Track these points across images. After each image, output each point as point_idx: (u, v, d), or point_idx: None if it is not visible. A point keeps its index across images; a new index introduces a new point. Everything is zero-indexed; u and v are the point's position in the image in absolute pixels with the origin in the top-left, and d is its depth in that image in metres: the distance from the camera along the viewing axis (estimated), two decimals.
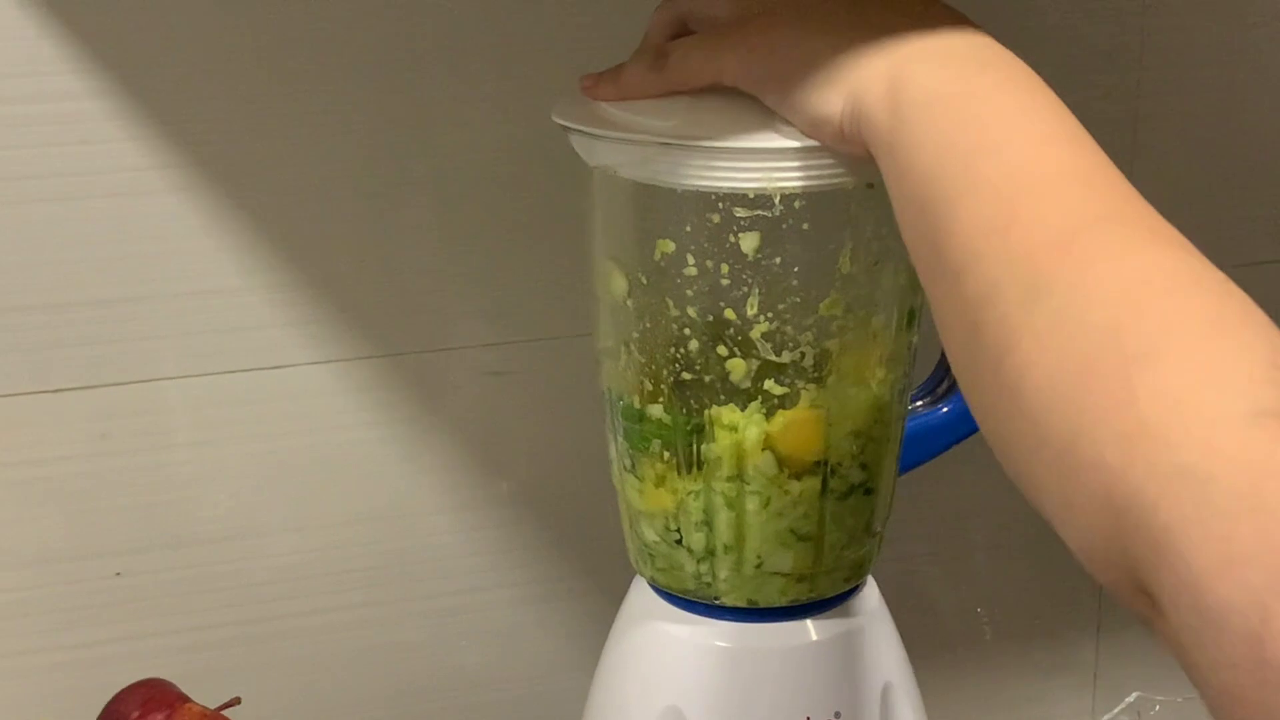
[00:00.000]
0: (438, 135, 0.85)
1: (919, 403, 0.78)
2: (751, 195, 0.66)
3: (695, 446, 0.72)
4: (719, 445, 0.71)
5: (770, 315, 0.69)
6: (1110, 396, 0.47)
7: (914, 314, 0.73)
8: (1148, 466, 0.45)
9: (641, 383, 0.72)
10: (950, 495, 0.97)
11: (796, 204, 0.67)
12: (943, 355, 0.77)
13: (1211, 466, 0.43)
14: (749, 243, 0.68)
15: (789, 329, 0.69)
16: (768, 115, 0.65)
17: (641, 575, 0.78)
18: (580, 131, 0.69)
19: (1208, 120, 0.98)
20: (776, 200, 0.66)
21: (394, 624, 0.92)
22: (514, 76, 0.85)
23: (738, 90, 0.66)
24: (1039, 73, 0.59)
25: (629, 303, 0.71)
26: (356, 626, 0.91)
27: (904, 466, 0.77)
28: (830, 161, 0.65)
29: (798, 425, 0.71)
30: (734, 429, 0.71)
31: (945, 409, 0.78)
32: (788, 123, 0.65)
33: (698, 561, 0.74)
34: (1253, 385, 0.45)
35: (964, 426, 0.77)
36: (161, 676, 0.80)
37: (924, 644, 0.81)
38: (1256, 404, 0.44)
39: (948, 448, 0.78)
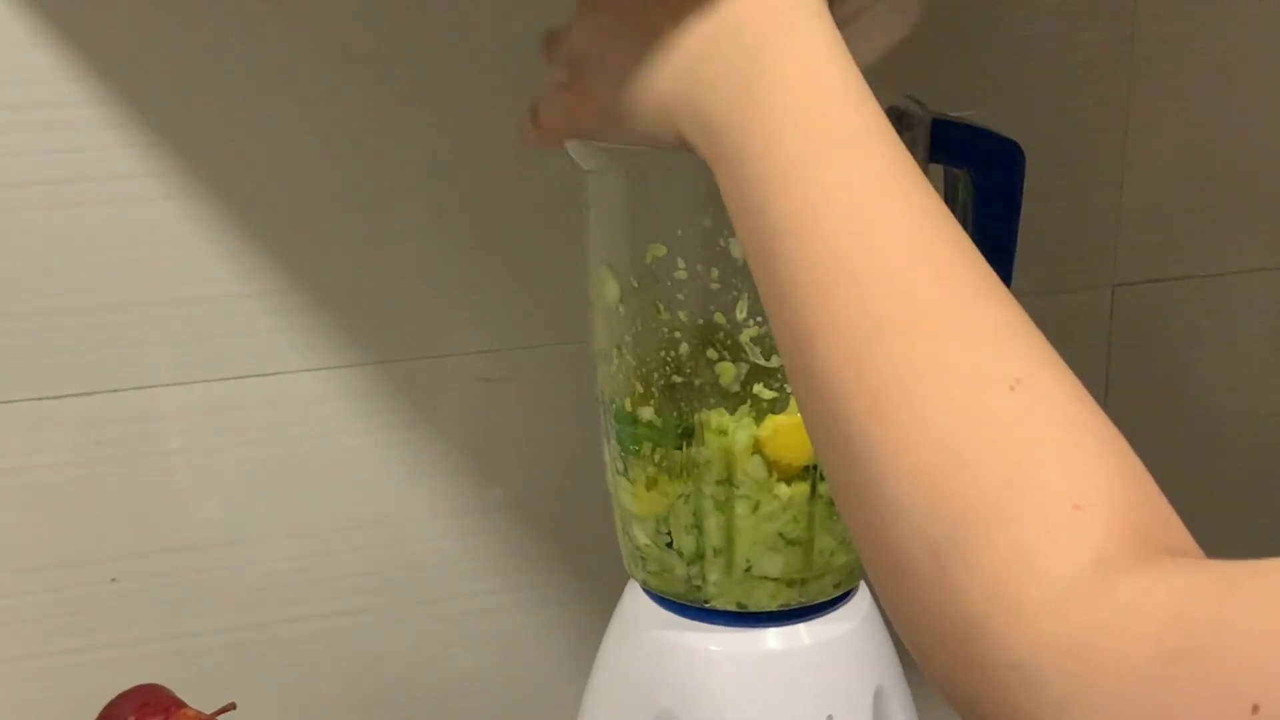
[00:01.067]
0: (429, 141, 0.85)
1: None
2: None
3: (685, 450, 0.72)
4: (709, 449, 0.71)
5: (759, 319, 0.69)
6: (932, 595, 0.46)
7: None
8: (981, 668, 0.44)
9: (633, 386, 0.72)
10: None
11: None
12: None
13: (1038, 662, 0.43)
14: (739, 247, 0.66)
15: None
16: None
17: (634, 579, 0.78)
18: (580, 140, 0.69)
19: (1199, 127, 0.98)
20: None
21: (387, 630, 0.92)
22: (506, 81, 0.84)
23: None
24: (1032, 83, 0.57)
25: (621, 307, 0.71)
26: (350, 633, 0.91)
27: None
28: None
29: (787, 430, 0.71)
30: (723, 433, 0.71)
31: None
32: None
33: (688, 565, 0.74)
34: (1072, 536, 0.44)
35: None
36: (157, 682, 0.80)
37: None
38: (1075, 562, 0.43)
39: None
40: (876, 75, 0.73)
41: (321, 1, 0.81)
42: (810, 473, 0.72)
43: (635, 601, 0.78)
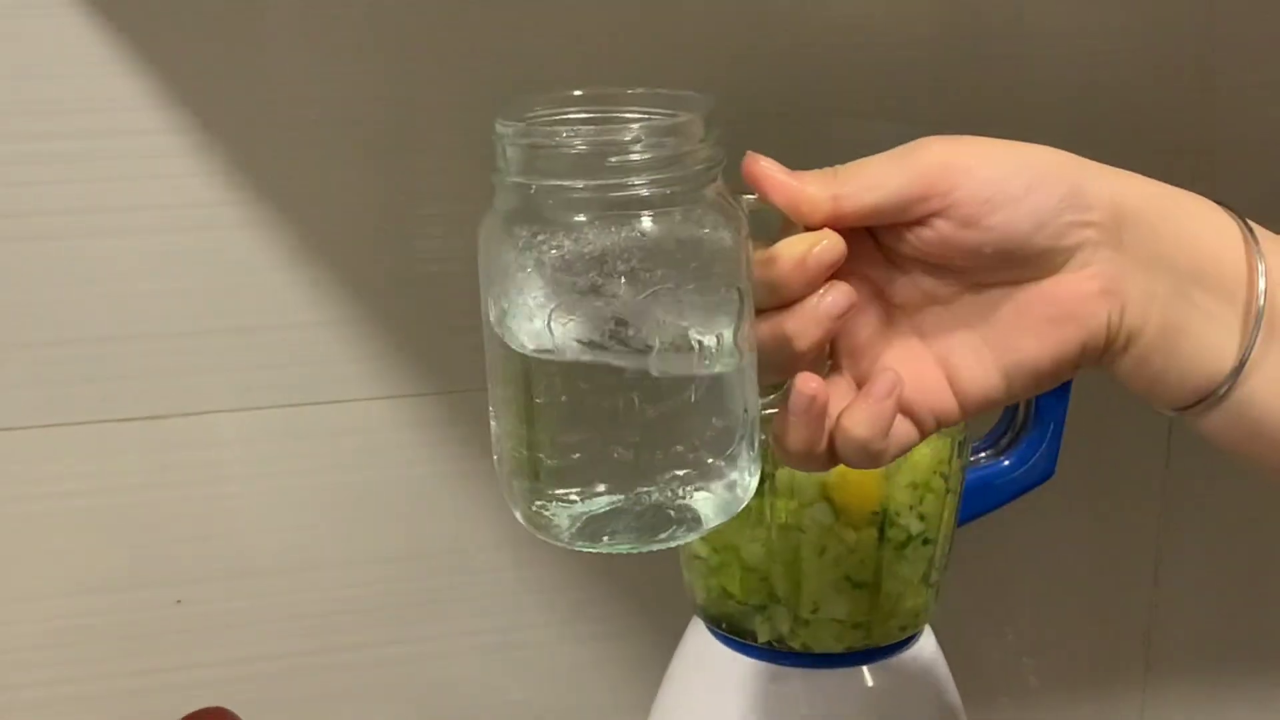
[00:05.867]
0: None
1: (981, 455, 0.78)
2: None
3: (754, 494, 0.70)
4: (777, 493, 0.72)
5: None
6: None
7: None
8: None
9: None
10: (1000, 546, 0.97)
11: None
12: (1005, 409, 0.77)
13: None
14: None
15: None
16: None
17: (699, 617, 0.78)
18: None
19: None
20: None
21: (446, 659, 0.92)
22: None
23: None
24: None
25: None
26: (407, 661, 0.91)
27: (963, 518, 0.77)
28: None
29: (855, 476, 0.71)
30: (792, 477, 0.71)
31: (1006, 462, 0.77)
32: None
33: (754, 606, 0.74)
34: None
35: (1027, 479, 0.77)
36: (221, 705, 0.81)
37: (971, 692, 0.81)
38: None
39: (1008, 501, 0.78)
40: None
41: (394, 44, 0.82)
42: (878, 518, 0.72)
43: (699, 639, 0.78)
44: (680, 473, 0.51)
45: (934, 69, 0.87)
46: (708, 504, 0.52)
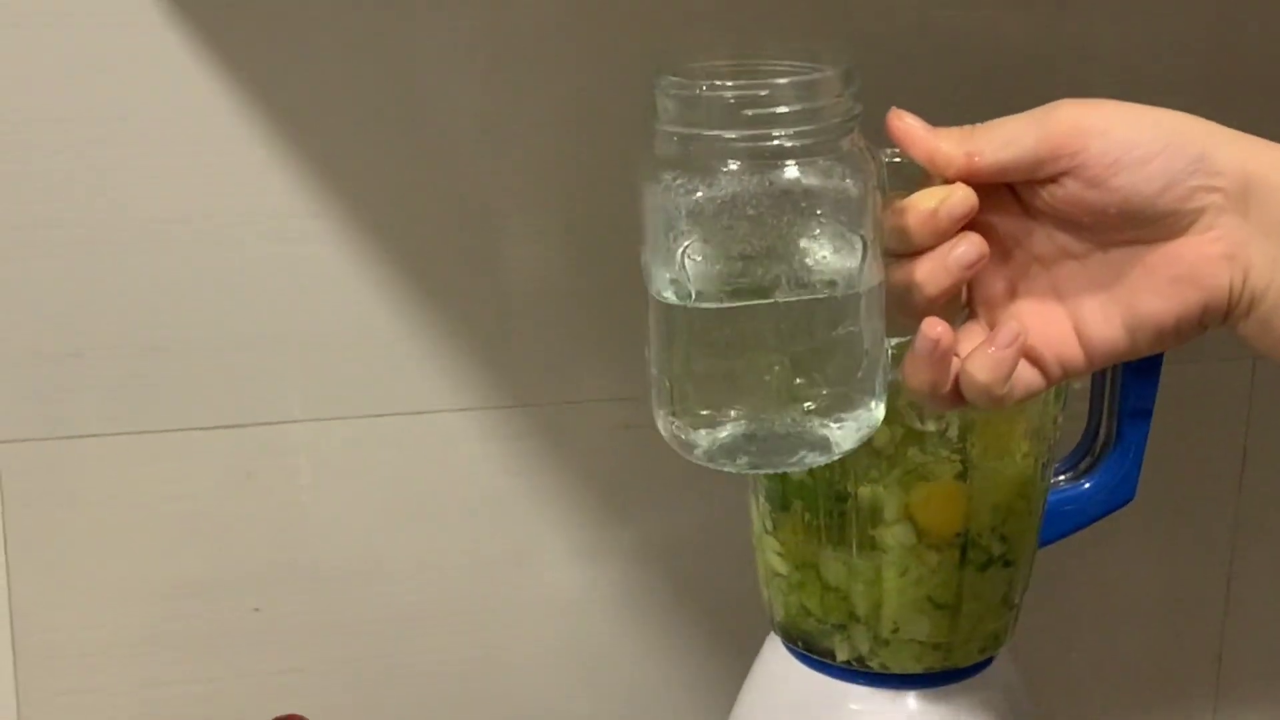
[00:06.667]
0: (569, 191, 0.85)
1: (1061, 477, 0.77)
2: None
3: (836, 512, 0.72)
4: (859, 513, 0.71)
5: None
6: None
7: (1062, 389, 0.73)
8: None
9: None
10: (1070, 567, 0.96)
11: None
12: (1087, 430, 0.77)
13: None
14: None
15: None
16: None
17: (776, 635, 0.78)
18: None
19: None
20: None
21: (513, 669, 0.92)
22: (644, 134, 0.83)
23: None
24: None
25: None
26: (476, 668, 0.91)
27: (1043, 540, 0.76)
28: None
29: (939, 496, 0.71)
30: (874, 497, 0.71)
31: (1088, 484, 0.77)
32: None
33: (833, 625, 0.74)
34: None
35: (1107, 502, 0.77)
36: (298, 712, 0.81)
37: (1039, 714, 0.81)
38: None
39: (1089, 523, 0.77)
40: None
41: (464, 58, 0.83)
42: (960, 539, 0.72)
43: (775, 657, 0.78)
44: (809, 404, 0.56)
45: None
46: (836, 431, 0.57)
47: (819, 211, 0.54)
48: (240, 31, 0.79)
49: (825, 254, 0.54)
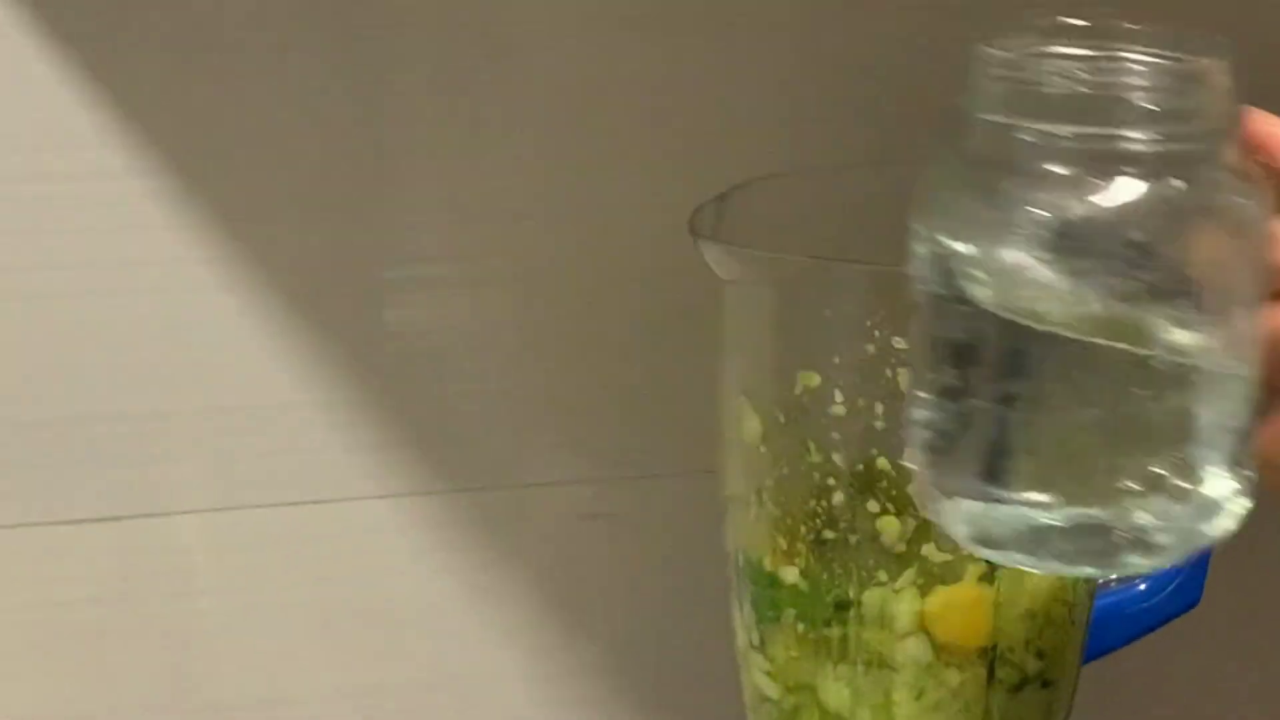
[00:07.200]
0: (523, 237, 0.83)
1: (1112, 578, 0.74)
2: None
3: (836, 622, 0.67)
4: (864, 623, 0.67)
5: None
6: None
7: None
8: None
9: (775, 540, 0.68)
10: (1127, 683, 0.90)
11: None
12: None
13: None
14: (909, 380, 0.62)
15: None
16: None
17: None
18: (716, 242, 0.67)
19: None
20: None
21: None
22: (628, 191, 0.83)
23: None
24: None
25: (763, 446, 0.67)
26: None
27: (1089, 655, 0.72)
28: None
29: (960, 603, 0.66)
30: (883, 605, 0.66)
31: (1143, 586, 0.73)
32: None
33: None
34: None
35: (1164, 608, 0.73)
36: None
37: None
38: None
39: (1143, 634, 0.73)
40: None
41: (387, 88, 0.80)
42: (987, 655, 0.67)
43: None
44: (1136, 486, 0.48)
45: None
46: (1170, 530, 0.49)
47: (1204, 243, 0.47)
48: (108, 42, 0.76)
49: (1200, 298, 0.47)
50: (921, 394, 0.50)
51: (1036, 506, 0.49)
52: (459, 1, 0.81)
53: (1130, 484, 0.48)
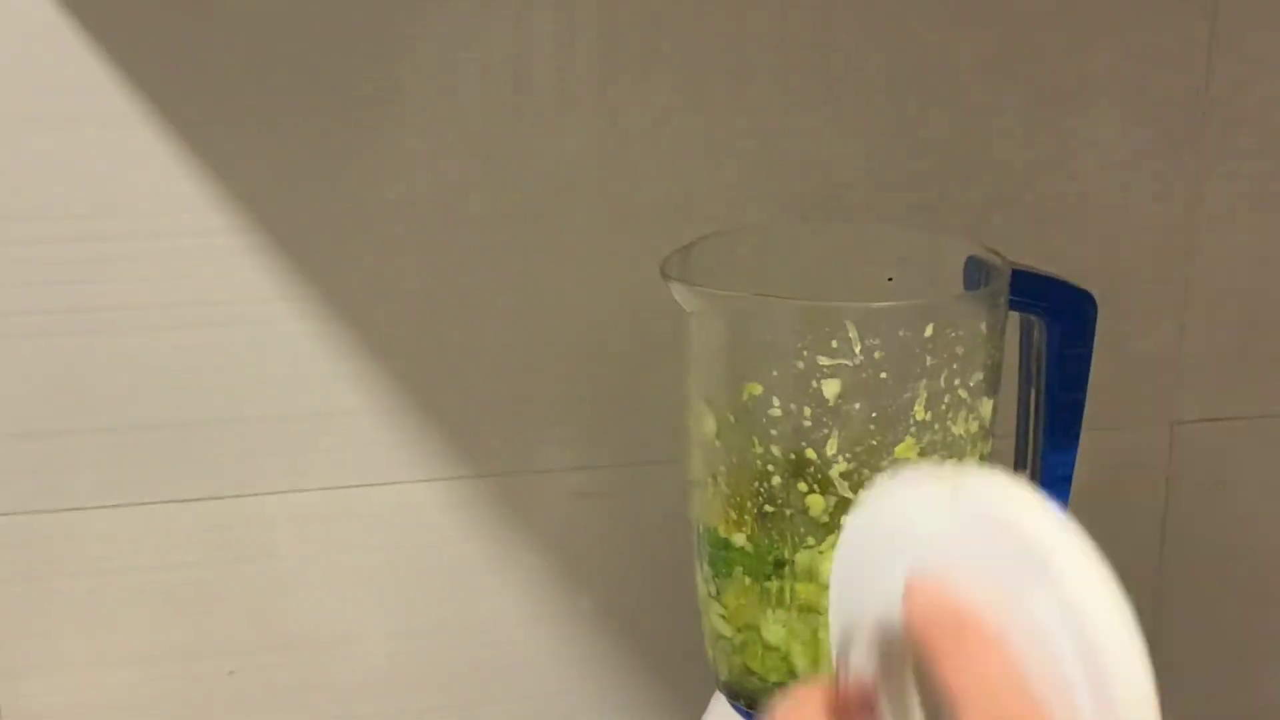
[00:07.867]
0: (530, 275, 0.86)
1: None
2: (834, 346, 0.69)
3: (775, 576, 0.73)
4: (797, 577, 0.72)
5: (848, 456, 0.69)
6: None
7: (985, 454, 0.74)
8: None
9: (727, 513, 0.72)
10: None
11: (876, 355, 0.69)
12: None
13: None
14: (830, 389, 0.69)
15: (866, 470, 0.70)
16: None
17: (721, 693, 0.79)
18: (681, 282, 0.71)
19: (1264, 266, 0.97)
20: (857, 351, 0.69)
21: None
22: (617, 226, 0.86)
23: None
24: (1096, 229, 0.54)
25: (718, 440, 0.72)
26: None
27: None
28: (907, 318, 0.69)
29: None
30: (812, 562, 0.72)
31: None
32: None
33: (775, 684, 0.75)
34: None
35: None
36: None
37: None
38: None
39: None
40: (959, 231, 0.77)
41: (431, 150, 0.84)
42: None
43: (720, 715, 0.79)
44: None
45: None
46: None
47: None
48: (218, 128, 0.81)
49: None
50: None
51: None
52: None
53: None
